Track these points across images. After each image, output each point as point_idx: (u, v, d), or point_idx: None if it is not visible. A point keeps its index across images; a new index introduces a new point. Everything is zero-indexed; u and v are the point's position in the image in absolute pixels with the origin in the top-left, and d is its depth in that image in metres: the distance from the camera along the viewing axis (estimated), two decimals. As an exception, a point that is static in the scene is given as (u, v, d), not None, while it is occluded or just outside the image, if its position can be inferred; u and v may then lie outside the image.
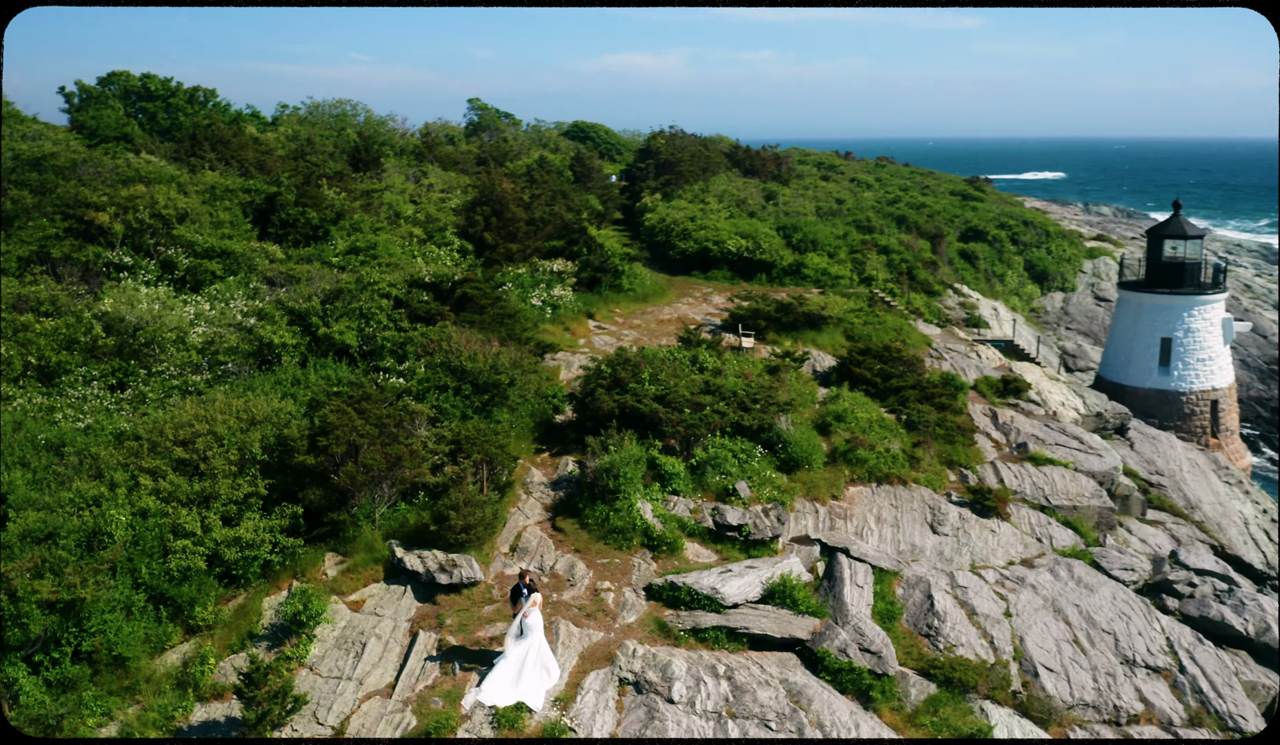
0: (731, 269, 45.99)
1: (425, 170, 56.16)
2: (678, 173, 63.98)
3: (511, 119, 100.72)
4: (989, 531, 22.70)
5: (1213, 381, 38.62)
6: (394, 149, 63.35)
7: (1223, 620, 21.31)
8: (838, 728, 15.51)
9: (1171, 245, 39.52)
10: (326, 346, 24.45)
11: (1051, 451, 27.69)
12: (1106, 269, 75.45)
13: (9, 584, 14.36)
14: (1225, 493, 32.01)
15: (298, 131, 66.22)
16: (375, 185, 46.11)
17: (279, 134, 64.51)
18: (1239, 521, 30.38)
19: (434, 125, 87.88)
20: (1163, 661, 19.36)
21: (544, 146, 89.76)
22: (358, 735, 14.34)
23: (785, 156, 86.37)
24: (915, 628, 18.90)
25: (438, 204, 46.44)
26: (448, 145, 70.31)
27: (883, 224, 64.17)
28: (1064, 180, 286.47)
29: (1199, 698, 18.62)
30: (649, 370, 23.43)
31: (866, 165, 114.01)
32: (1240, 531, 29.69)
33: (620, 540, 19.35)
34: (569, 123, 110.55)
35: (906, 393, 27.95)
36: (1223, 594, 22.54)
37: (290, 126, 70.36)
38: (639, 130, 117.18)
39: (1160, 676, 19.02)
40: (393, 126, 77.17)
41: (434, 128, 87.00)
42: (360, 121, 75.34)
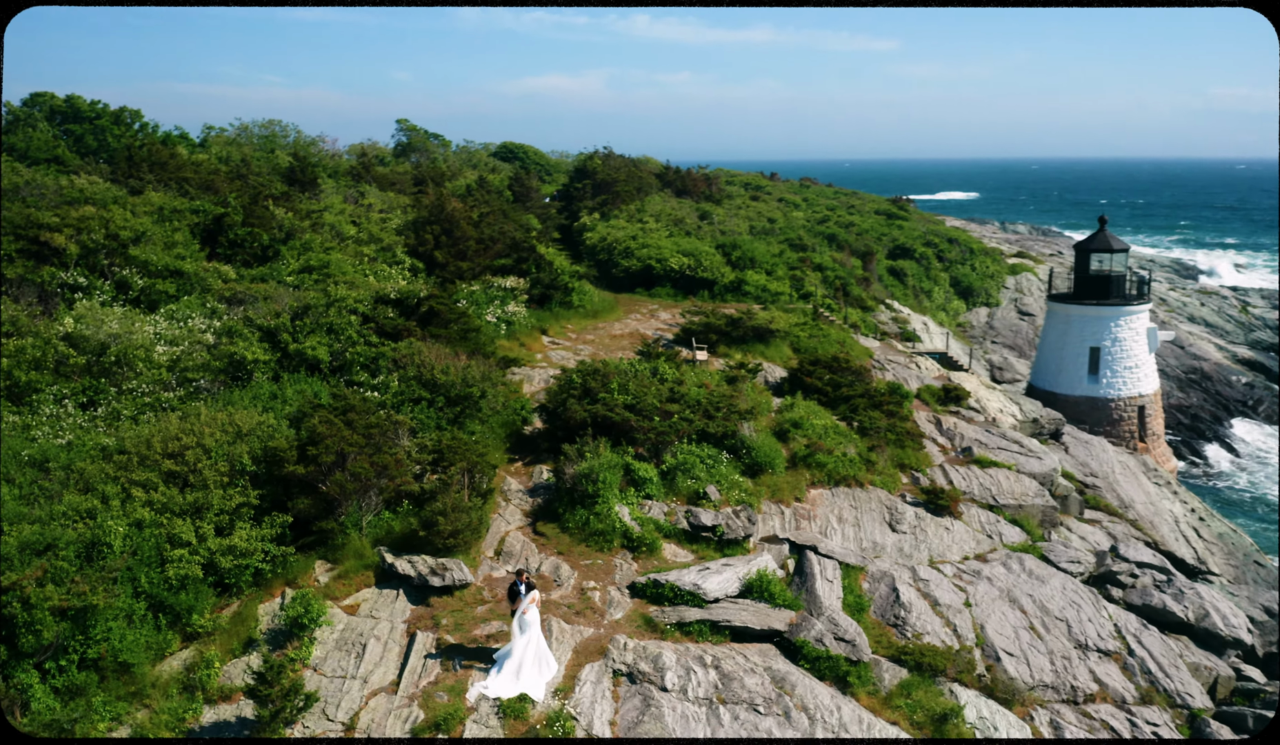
0: (674, 286, 47.06)
1: (363, 191, 56.32)
2: (614, 193, 65.03)
3: (441, 140, 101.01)
4: (944, 529, 23.88)
5: (1139, 388, 40.66)
6: (326, 170, 63.37)
7: (1164, 608, 22.71)
8: (821, 710, 16.41)
9: (1098, 259, 41.53)
10: (297, 362, 24.78)
11: (994, 455, 29.09)
12: (1028, 284, 78.25)
13: (21, 592, 14.59)
14: (1155, 493, 33.77)
15: (228, 153, 65.83)
16: (315, 205, 46.28)
17: (209, 155, 64.08)
18: (1170, 520, 32.09)
19: (363, 146, 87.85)
20: (1112, 645, 20.65)
21: (474, 167, 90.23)
22: (369, 730, 14.84)
23: (715, 177, 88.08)
24: (883, 618, 19.92)
25: (379, 224, 46.74)
26: (382, 166, 70.39)
27: (814, 243, 65.87)
28: (979, 200, 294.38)
29: (1148, 678, 19.91)
30: (617, 381, 24.21)
31: (792, 186, 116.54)
32: (1171, 529, 31.37)
33: (601, 542, 20.07)
34: (497, 143, 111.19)
35: (856, 401, 29.12)
36: (1162, 584, 23.99)
37: (220, 147, 69.85)
38: (567, 151, 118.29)
39: (1111, 659, 20.28)
40: (324, 148, 77.09)
41: (363, 148, 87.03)
42: (290, 142, 75.18)
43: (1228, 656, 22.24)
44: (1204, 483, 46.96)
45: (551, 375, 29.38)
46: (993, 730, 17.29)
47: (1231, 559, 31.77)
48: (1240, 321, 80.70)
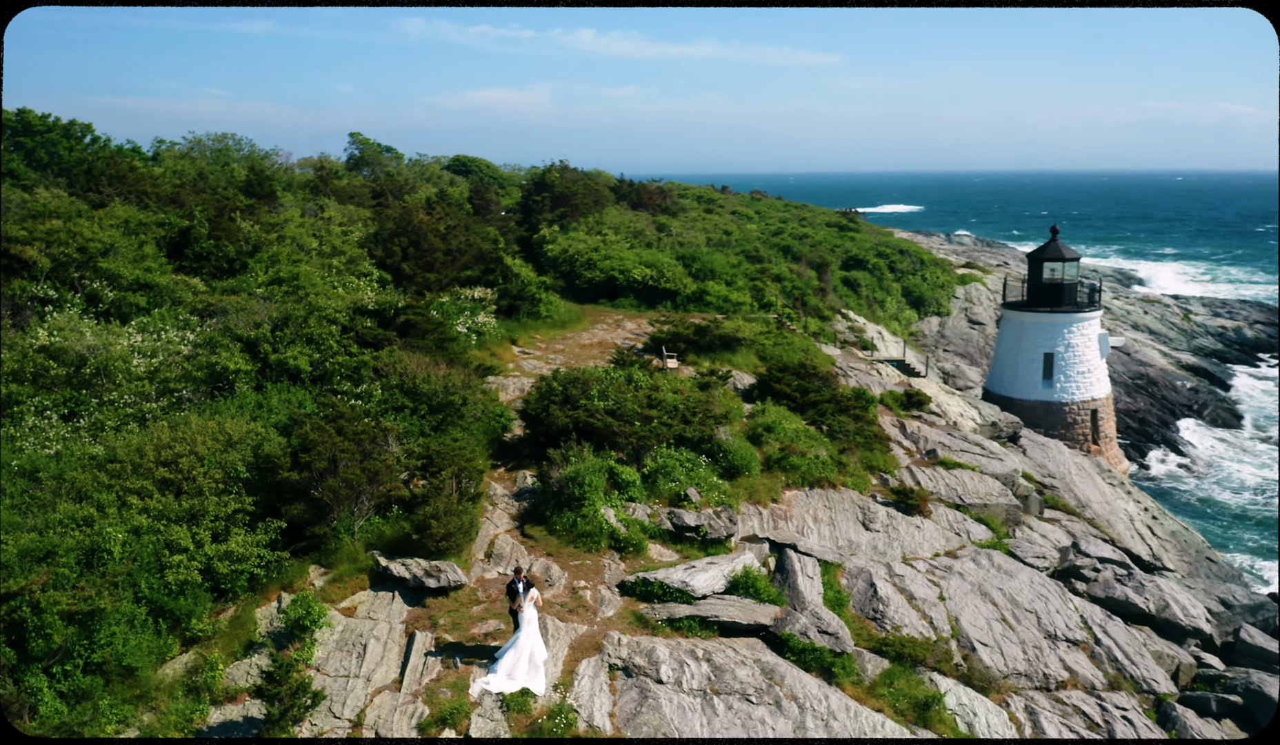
0: (637, 297, 47.67)
1: (322, 204, 56.31)
2: (573, 205, 65.54)
3: (394, 153, 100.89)
4: (915, 527, 24.65)
5: (1092, 392, 41.95)
6: (281, 183, 63.20)
7: (1127, 600, 23.64)
8: (810, 699, 17.01)
9: (1050, 268, 42.84)
10: (278, 372, 25.00)
11: (958, 457, 29.99)
12: (978, 294, 79.95)
13: (31, 596, 14.78)
14: (1110, 493, 34.92)
15: (182, 166, 65.43)
16: (276, 218, 46.30)
17: (163, 169, 63.66)
18: (1125, 518, 33.22)
19: (320, 159, 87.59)
20: (1080, 635, 21.50)
21: (428, 180, 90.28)
22: (376, 726, 15.18)
23: (669, 190, 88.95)
24: (862, 612, 20.60)
25: (341, 237, 46.86)
26: (338, 180, 70.30)
27: (770, 254, 66.87)
28: (923, 212, 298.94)
29: (1115, 665, 20.78)
30: (596, 388, 24.73)
31: (743, 199, 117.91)
32: (1127, 527, 32.48)
33: (589, 543, 20.56)
34: (449, 157, 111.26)
35: (824, 406, 29.87)
36: (1123, 578, 24.95)
37: (172, 161, 69.36)
38: (519, 165, 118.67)
39: (1079, 648, 21.13)
40: (278, 161, 76.78)
41: (315, 162, 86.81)
42: (244, 156, 74.79)
43: (1188, 645, 23.22)
44: (1155, 485, 48.41)
45: (526, 384, 29.85)
46: (972, 716, 18.01)
47: (1185, 555, 32.95)
48: (1183, 329, 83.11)
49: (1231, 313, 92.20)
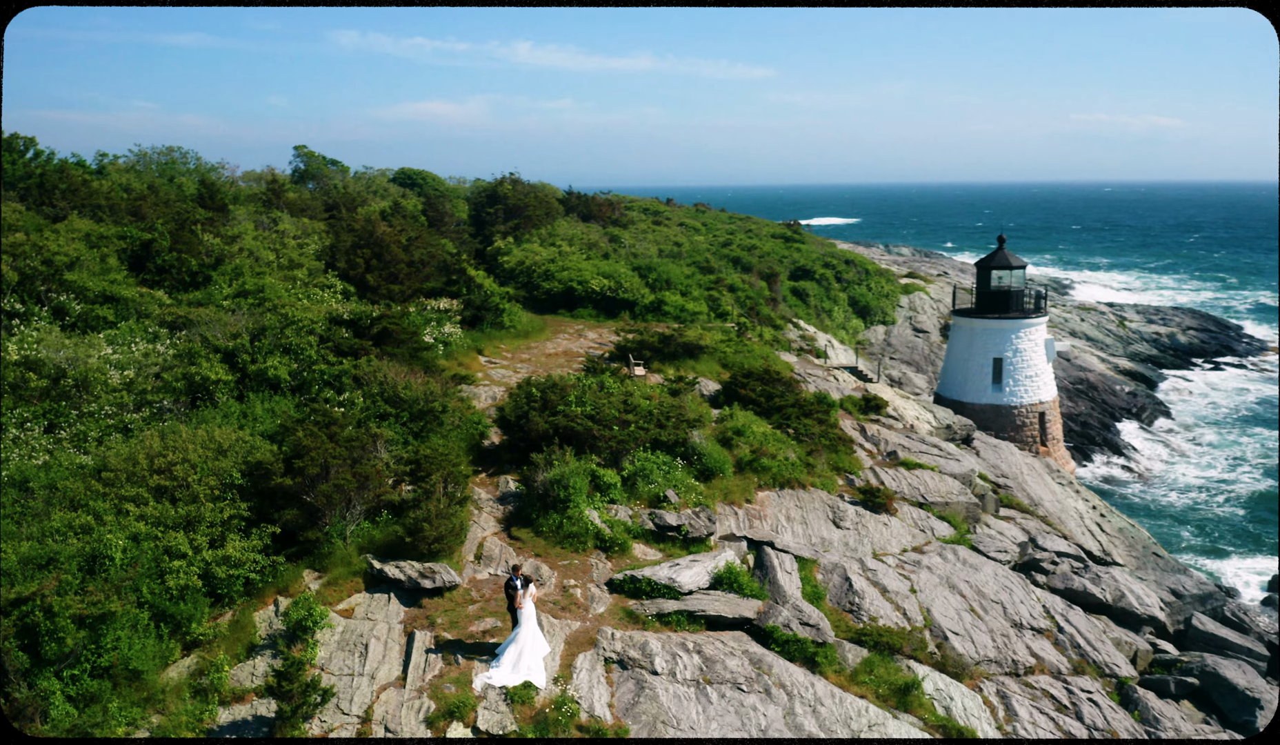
0: (595, 307, 48.30)
1: (276, 217, 56.21)
2: (526, 217, 66.09)
3: (340, 166, 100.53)
4: (882, 525, 25.57)
5: (1039, 395, 43.41)
6: (229, 196, 62.92)
7: (1085, 590, 24.76)
8: (797, 687, 17.76)
9: (998, 275, 44.30)
10: (258, 382, 25.26)
11: (918, 458, 31.02)
12: (921, 303, 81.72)
13: (43, 600, 15.03)
14: (1060, 492, 36.23)
15: (127, 180, 64.85)
16: (232, 231, 46.27)
17: (110, 183, 63.07)
18: (1075, 516, 34.52)
19: (260, 172, 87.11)
20: (1043, 624, 22.53)
21: (375, 193, 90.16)
22: (384, 721, 15.62)
23: (617, 202, 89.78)
24: (839, 605, 21.42)
25: (297, 249, 46.93)
26: (290, 192, 70.09)
27: (721, 265, 67.91)
28: (861, 224, 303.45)
29: (1078, 651, 21.81)
30: (574, 393, 25.33)
31: (688, 211, 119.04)
32: (1078, 524, 33.77)
33: (575, 544, 21.13)
34: (394, 169, 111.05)
35: (789, 410, 30.73)
36: (1080, 570, 26.09)
37: (118, 175, 68.68)
38: (463, 177, 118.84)
39: (1044, 636, 22.15)
40: (227, 175, 76.30)
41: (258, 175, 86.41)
42: (191, 169, 74.21)
43: (1143, 632, 24.38)
44: (1099, 486, 50.05)
45: (497, 393, 30.34)
46: (949, 701, 18.88)
47: (1133, 551, 34.30)
48: (1119, 335, 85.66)
49: (1165, 319, 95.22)
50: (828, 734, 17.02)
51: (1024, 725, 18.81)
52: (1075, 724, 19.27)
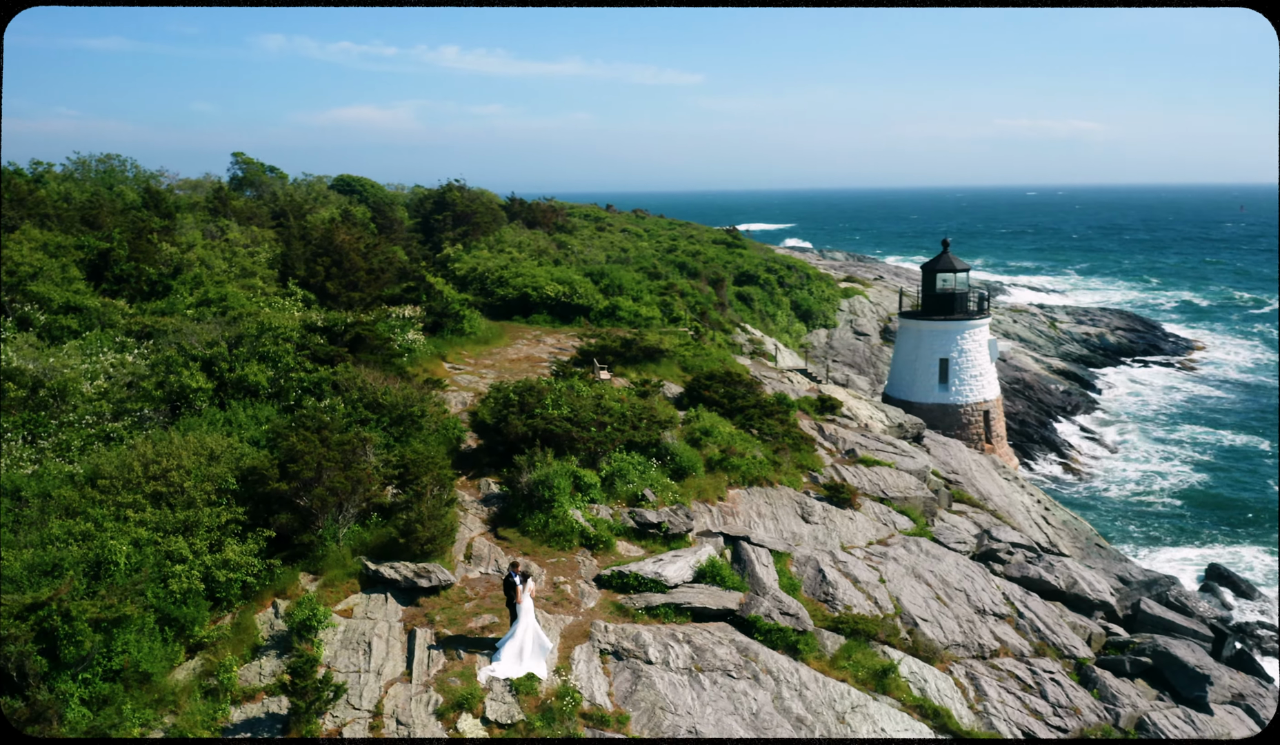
0: (550, 313, 48.89)
1: (224, 225, 55.98)
2: (474, 224, 66.50)
3: (278, 173, 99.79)
4: (848, 519, 26.62)
5: (984, 394, 45.01)
6: (173, 204, 62.44)
7: (1040, 578, 26.02)
8: (783, 672, 18.65)
9: (943, 278, 45.84)
10: (236, 389, 25.55)
11: (875, 455, 32.18)
12: (861, 307, 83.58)
13: (61, 605, 15.37)
14: (1007, 487, 37.71)
15: (67, 189, 64.02)
16: (183, 240, 46.13)
17: (47, 191, 62.20)
18: (1022, 509, 35.98)
19: (197, 180, 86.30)
20: (1005, 610, 23.72)
21: (316, 200, 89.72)
22: (395, 715, 16.19)
23: (560, 209, 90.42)
24: (814, 595, 22.38)
25: (248, 257, 46.91)
26: (236, 200, 69.66)
27: (667, 270, 68.90)
28: (795, 229, 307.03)
29: (1038, 635, 23.02)
30: (550, 397, 26.01)
31: (629, 217, 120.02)
32: (1025, 517, 35.23)
33: (562, 542, 21.82)
34: (333, 176, 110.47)
35: (751, 411, 31.70)
36: (1033, 559, 27.37)
37: (56, 183, 67.72)
38: (402, 184, 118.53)
39: (1005, 621, 23.32)
40: (167, 183, 75.52)
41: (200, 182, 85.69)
42: (131, 177, 73.38)
43: (1096, 617, 25.71)
44: (1041, 482, 51.89)
45: (467, 398, 30.87)
46: (923, 683, 19.90)
47: (1077, 542, 35.87)
48: (1050, 336, 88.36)
49: (1094, 320, 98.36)
50: (815, 716, 17.92)
51: (993, 704, 19.90)
52: (1040, 702, 20.42)
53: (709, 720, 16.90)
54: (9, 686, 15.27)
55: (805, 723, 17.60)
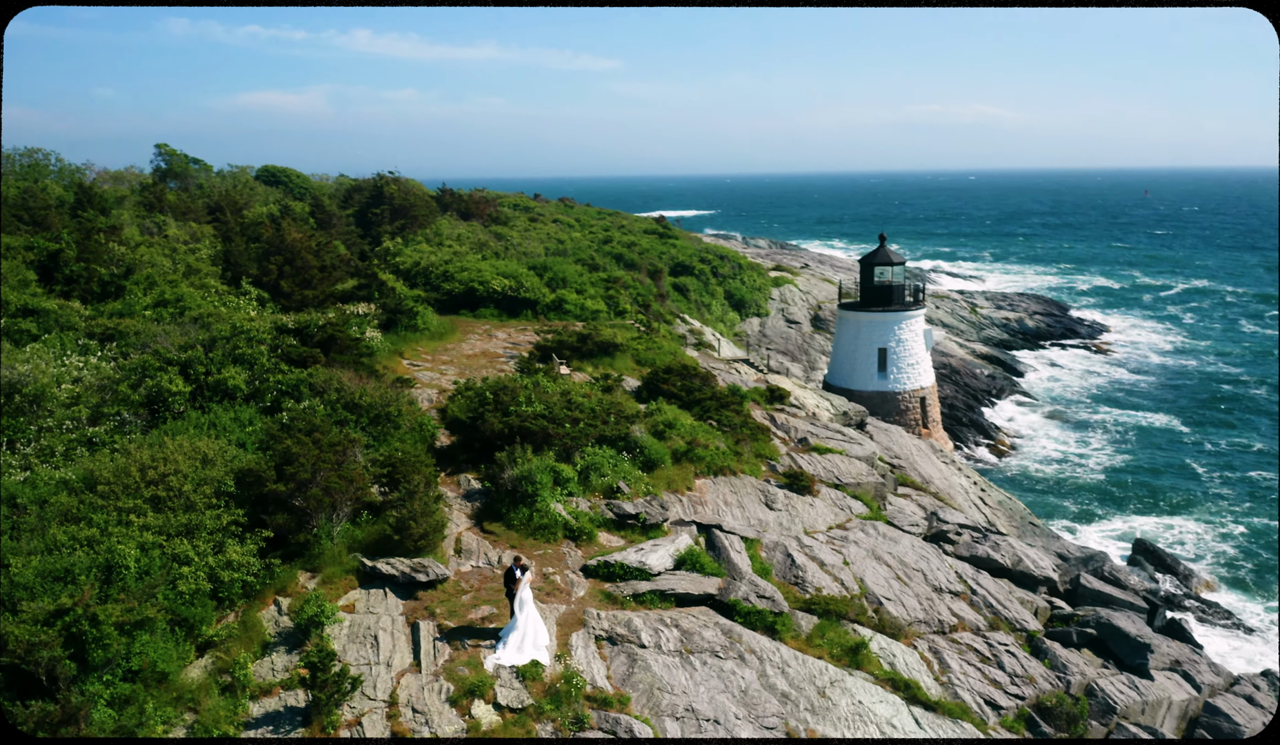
0: (497, 307, 49.53)
1: (162, 221, 55.47)
2: (412, 217, 66.66)
3: (202, 165, 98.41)
4: (809, 505, 27.98)
5: (920, 382, 46.90)
6: (107, 201, 61.59)
7: (988, 557, 27.68)
8: (765, 652, 19.87)
9: (879, 271, 47.58)
10: (214, 392, 25.97)
11: (826, 443, 33.64)
12: (791, 295, 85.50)
13: (88, 609, 15.92)
14: (946, 470, 39.52)
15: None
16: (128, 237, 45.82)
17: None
18: (961, 491, 37.80)
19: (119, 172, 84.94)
20: (959, 588, 25.28)
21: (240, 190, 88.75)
22: (410, 704, 17.02)
23: (493, 200, 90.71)
24: (785, 579, 23.66)
25: (189, 254, 46.72)
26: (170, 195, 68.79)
27: (605, 262, 69.87)
28: (716, 216, 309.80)
29: (991, 610, 24.62)
30: (523, 394, 26.89)
31: (557, 206, 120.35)
32: (964, 498, 37.04)
33: (546, 535, 22.76)
34: (257, 167, 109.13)
35: (707, 403, 32.91)
36: (979, 539, 29.05)
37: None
38: (326, 174, 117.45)
39: (961, 598, 24.88)
40: (93, 177, 74.30)
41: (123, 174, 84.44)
42: (55, 171, 72.04)
43: (1040, 592, 27.46)
44: (973, 464, 54.10)
45: (432, 394, 31.54)
46: (892, 657, 21.31)
47: (1013, 521, 37.81)
48: (972, 321, 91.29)
49: (1012, 305, 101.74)
50: (798, 691, 19.17)
51: (957, 675, 21.40)
52: (998, 672, 21.98)
53: (703, 698, 18.04)
54: (38, 690, 15.81)
55: (790, 697, 18.83)
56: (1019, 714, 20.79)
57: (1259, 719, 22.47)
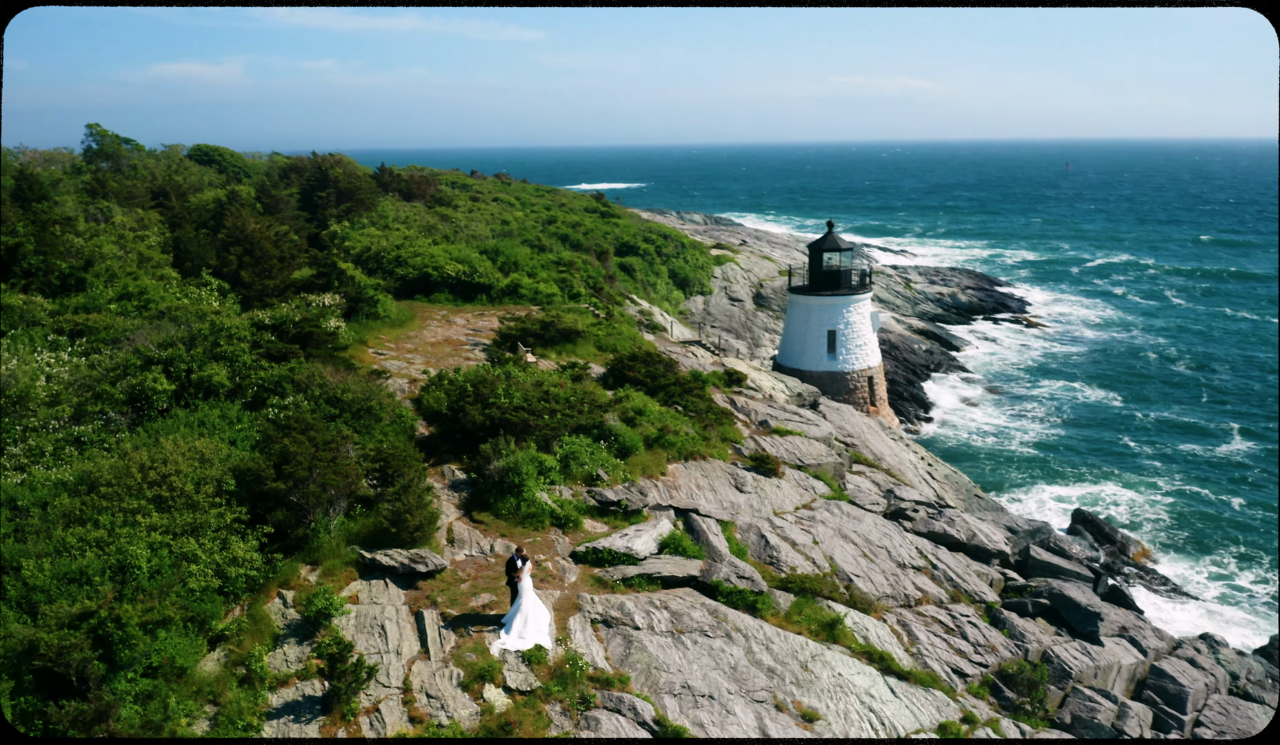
0: (452, 292, 49.97)
1: (106, 208, 54.87)
2: (358, 200, 66.60)
3: (135, 145, 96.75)
4: (775, 487, 29.24)
5: (867, 362, 48.52)
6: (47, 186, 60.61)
7: (945, 533, 29.21)
8: (749, 629, 21.08)
9: (829, 256, 49.04)
10: (198, 389, 26.39)
11: (786, 425, 34.93)
12: (733, 273, 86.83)
13: (113, 611, 16.55)
14: (896, 447, 41.13)
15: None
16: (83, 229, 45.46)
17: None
18: (911, 466, 39.43)
19: (49, 152, 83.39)
20: (921, 563, 26.75)
21: (175, 172, 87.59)
22: (424, 689, 17.90)
23: (433, 179, 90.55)
24: (760, 559, 24.90)
25: (137, 242, 46.45)
26: (114, 180, 67.79)
27: (551, 243, 70.41)
28: (648, 189, 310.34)
29: (952, 584, 26.13)
30: (501, 386, 27.71)
31: (494, 183, 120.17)
32: (914, 474, 38.66)
33: (534, 523, 23.69)
34: (189, 146, 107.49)
35: (671, 389, 33.99)
36: (935, 515, 30.58)
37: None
38: (259, 152, 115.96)
39: (923, 573, 26.35)
40: (25, 160, 72.85)
41: (55, 155, 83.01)
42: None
43: (993, 564, 29.07)
44: (916, 438, 56.03)
45: (404, 385, 32.15)
46: (866, 631, 22.67)
47: (960, 494, 39.56)
48: (907, 296, 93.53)
49: (945, 280, 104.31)
50: (782, 665, 20.41)
51: (925, 646, 22.84)
52: (963, 642, 23.48)
53: (697, 675, 19.19)
54: (68, 691, 16.42)
55: (776, 672, 20.07)
56: (984, 681, 22.30)
57: (1201, 680, 24.33)
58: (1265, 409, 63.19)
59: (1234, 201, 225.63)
